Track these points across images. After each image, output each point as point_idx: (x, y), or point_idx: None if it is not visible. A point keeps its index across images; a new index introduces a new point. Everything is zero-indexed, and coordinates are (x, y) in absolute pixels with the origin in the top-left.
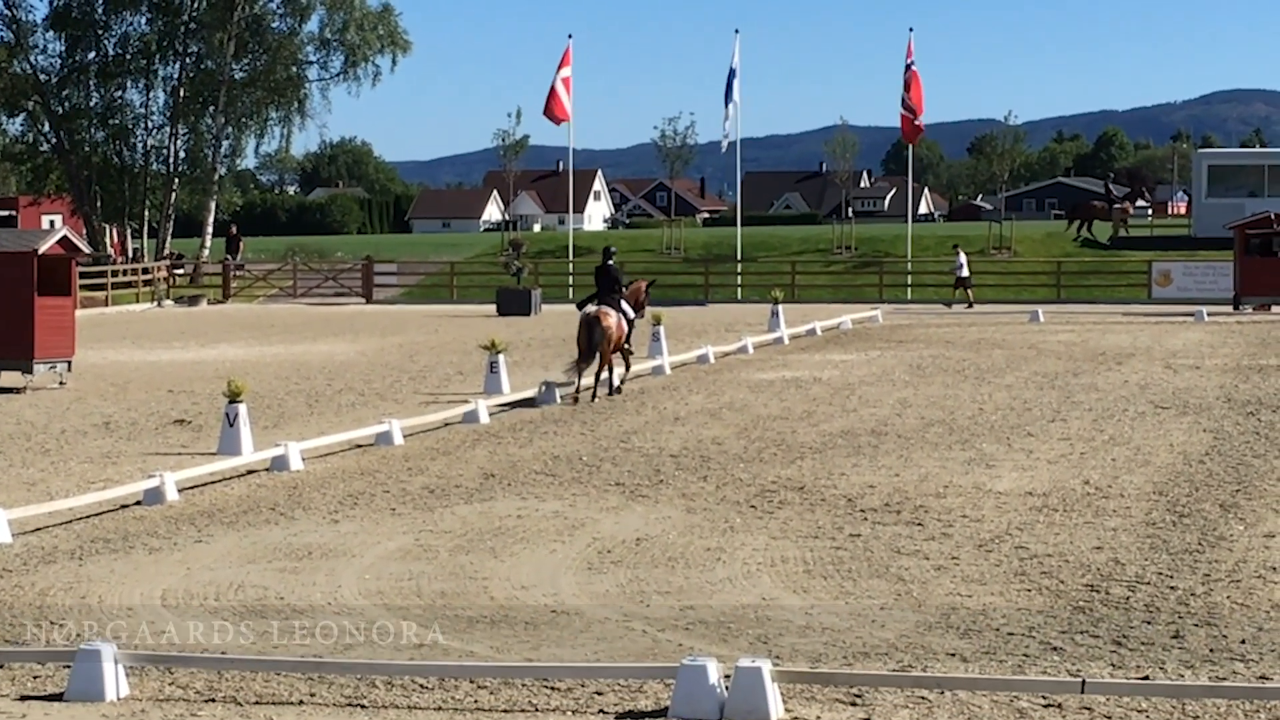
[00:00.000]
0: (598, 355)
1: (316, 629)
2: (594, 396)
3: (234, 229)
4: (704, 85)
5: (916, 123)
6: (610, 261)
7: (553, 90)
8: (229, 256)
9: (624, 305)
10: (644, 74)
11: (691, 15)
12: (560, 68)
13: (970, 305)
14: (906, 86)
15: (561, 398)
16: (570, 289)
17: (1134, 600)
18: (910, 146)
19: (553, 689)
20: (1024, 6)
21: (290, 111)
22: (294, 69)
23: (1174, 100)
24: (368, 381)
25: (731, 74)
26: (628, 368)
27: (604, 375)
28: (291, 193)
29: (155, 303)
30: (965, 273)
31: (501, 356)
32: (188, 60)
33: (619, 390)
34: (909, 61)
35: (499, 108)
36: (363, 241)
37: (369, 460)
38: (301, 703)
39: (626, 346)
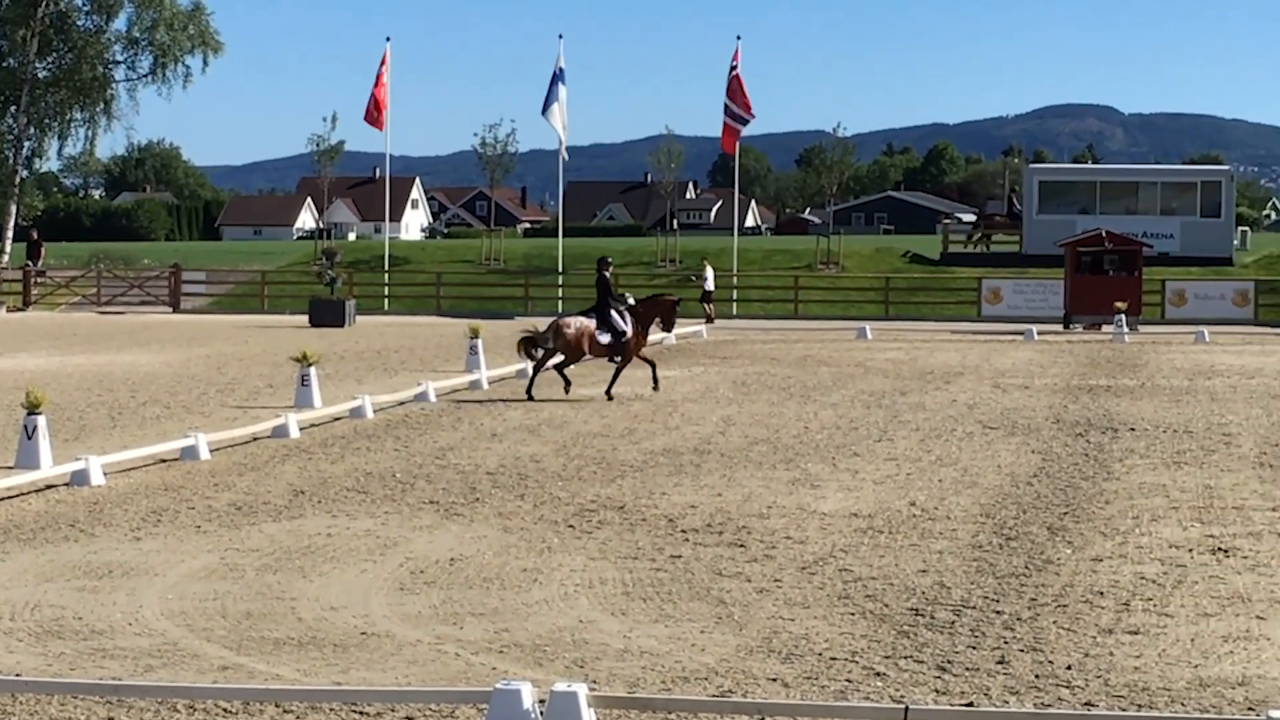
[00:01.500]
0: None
1: (116, 650)
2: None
3: (35, 234)
4: (526, 92)
5: (738, 127)
6: (605, 273)
7: (373, 95)
8: (29, 262)
9: (615, 317)
10: (464, 80)
11: (514, 20)
12: (379, 70)
13: (710, 320)
14: (730, 92)
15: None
16: (386, 299)
17: (959, 625)
18: (737, 158)
19: (361, 713)
20: (855, 17)
21: (96, 112)
22: (101, 68)
23: (1006, 114)
24: (173, 394)
25: (554, 79)
26: (620, 372)
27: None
28: (97, 197)
29: None
30: (710, 286)
31: (313, 369)
32: None
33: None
34: (733, 64)
35: (314, 112)
36: (170, 248)
37: (173, 475)
38: None
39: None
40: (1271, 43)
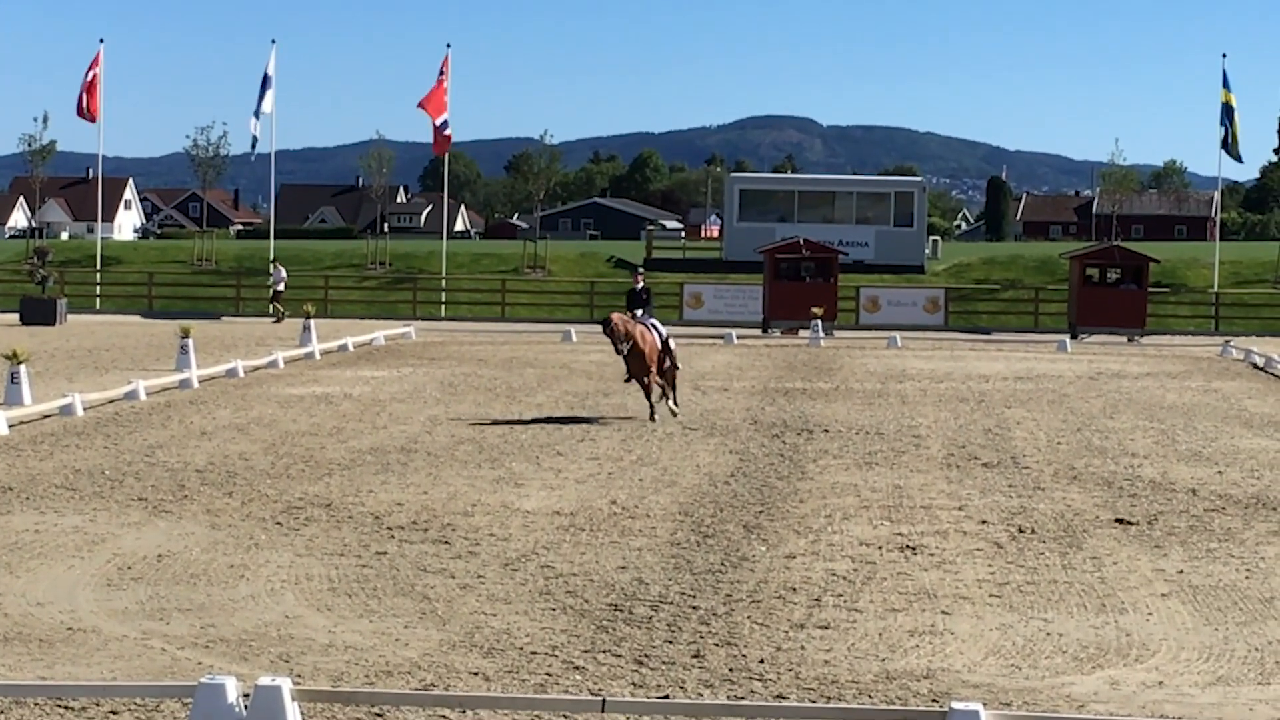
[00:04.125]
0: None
1: None
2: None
3: None
4: (238, 96)
5: (445, 133)
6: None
7: (85, 89)
8: None
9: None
10: (177, 82)
11: (228, 23)
12: (90, 70)
13: (280, 320)
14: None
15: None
16: (98, 299)
17: (657, 620)
18: (446, 162)
19: (67, 708)
20: (562, 28)
21: None
22: None
23: (709, 124)
24: None
25: (265, 83)
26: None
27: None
28: None
29: None
30: (282, 287)
31: (24, 367)
32: None
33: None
34: (442, 71)
35: (25, 111)
36: None
37: None
38: None
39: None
40: (962, 59)
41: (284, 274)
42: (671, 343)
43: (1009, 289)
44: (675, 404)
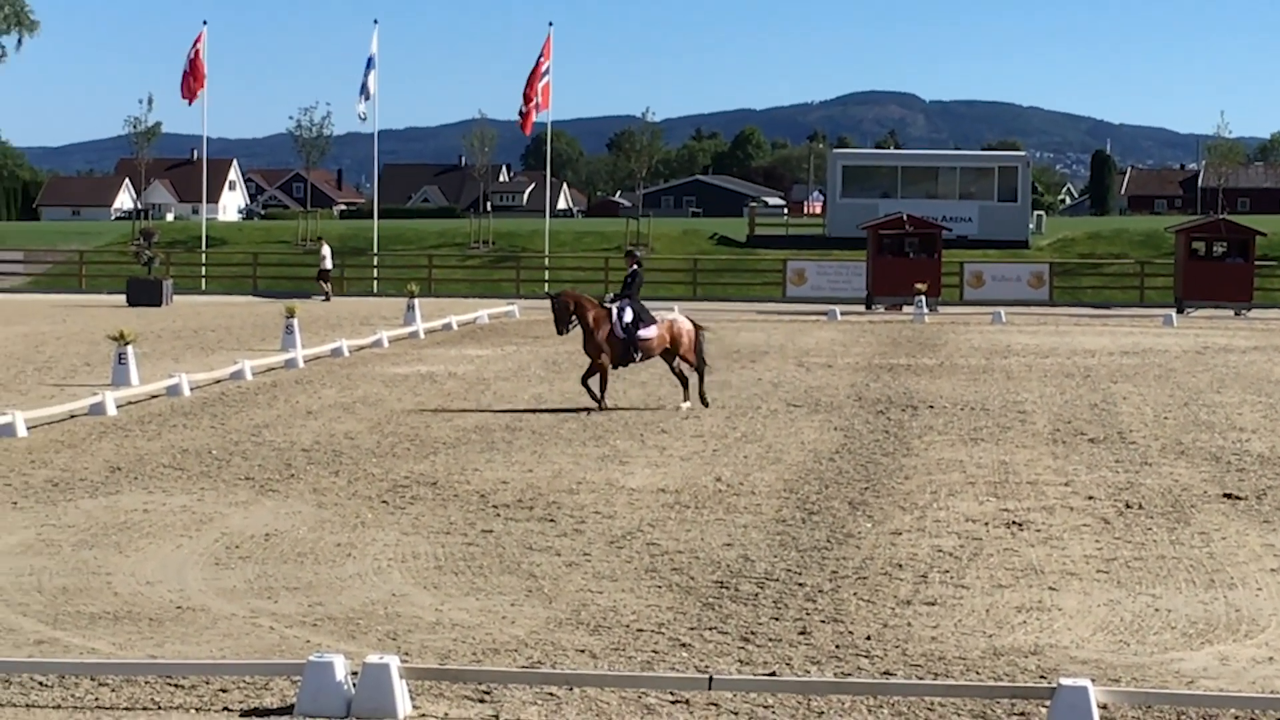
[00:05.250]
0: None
1: None
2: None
3: None
4: (342, 76)
5: (528, 112)
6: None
7: (188, 70)
8: None
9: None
10: (281, 63)
11: (330, 4)
12: (193, 51)
13: (328, 298)
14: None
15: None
16: (203, 279)
17: (763, 596)
18: (549, 140)
19: (176, 686)
20: (665, 5)
21: None
22: None
23: (811, 101)
24: None
25: (369, 64)
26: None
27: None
28: None
29: None
30: (329, 265)
31: (130, 348)
32: None
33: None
34: (541, 56)
35: (131, 93)
36: None
37: None
38: None
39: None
40: (1066, 32)
41: (329, 252)
42: (679, 326)
43: (1114, 263)
44: (689, 396)
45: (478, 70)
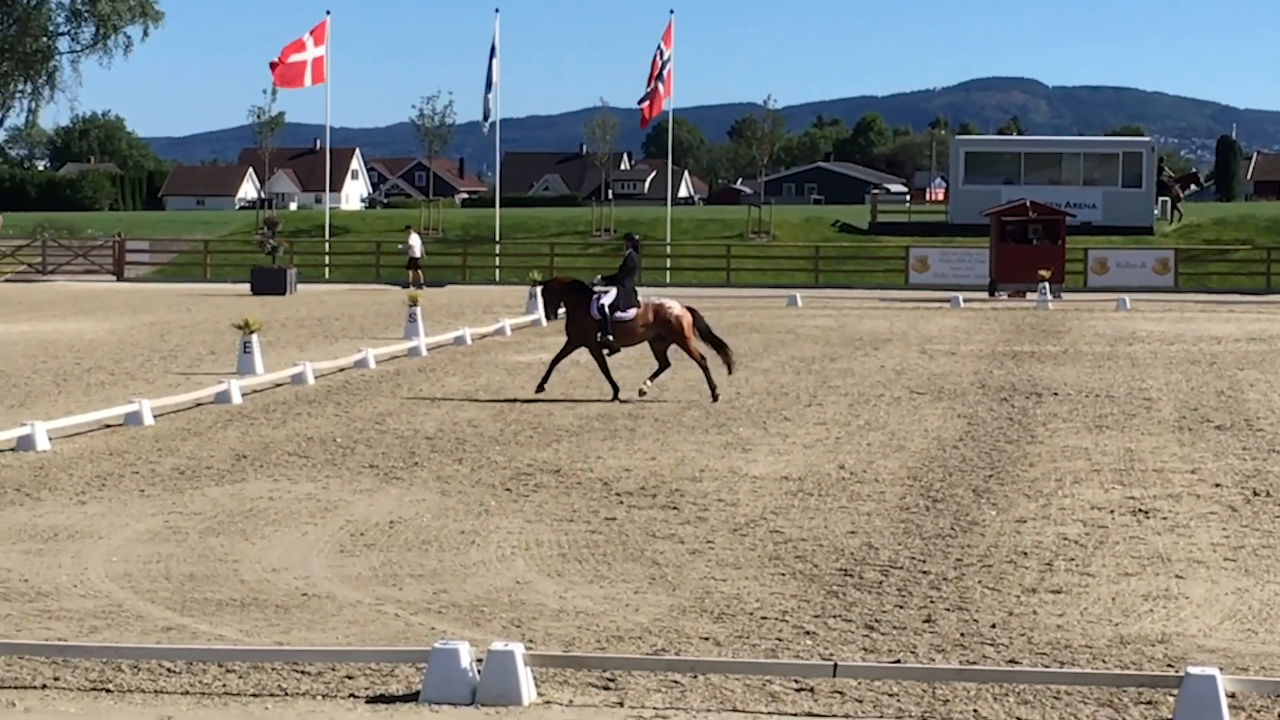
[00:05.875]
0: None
1: (61, 612)
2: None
3: None
4: (463, 65)
5: (654, 97)
6: (632, 250)
7: (297, 63)
8: None
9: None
10: (403, 53)
11: None
12: (314, 43)
13: (421, 286)
14: (656, 73)
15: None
16: (326, 268)
17: (887, 584)
18: (670, 128)
19: (303, 673)
20: None
21: (39, 84)
22: (44, 40)
23: (933, 87)
24: (117, 361)
25: (491, 53)
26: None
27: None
28: (41, 168)
29: None
30: (417, 253)
31: (255, 336)
32: None
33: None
34: (662, 46)
35: (255, 84)
36: (114, 218)
37: (118, 440)
38: (45, 687)
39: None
40: (1191, 17)
41: (417, 241)
42: (668, 311)
43: (1240, 249)
44: (713, 383)
45: (599, 58)
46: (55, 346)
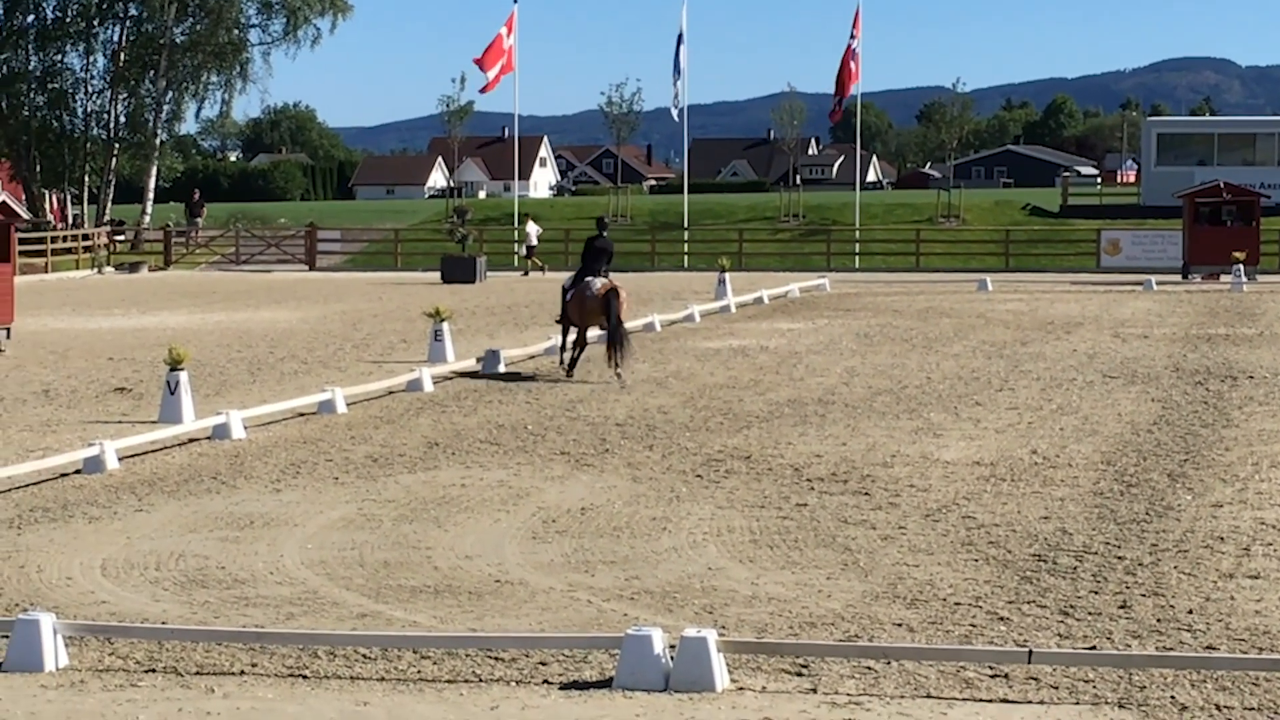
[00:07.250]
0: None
1: (258, 599)
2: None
3: (197, 194)
4: (651, 51)
5: (846, 79)
6: (604, 233)
7: (494, 56)
8: (196, 220)
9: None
10: (591, 40)
11: None
12: (505, 34)
13: (543, 270)
14: (845, 64)
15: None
16: (516, 257)
17: (1081, 570)
18: (858, 113)
19: (497, 659)
20: None
21: (232, 76)
22: (235, 32)
23: (1123, 68)
24: (310, 349)
25: (679, 40)
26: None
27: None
28: (234, 159)
29: (95, 269)
30: (534, 242)
31: (446, 324)
32: (128, 23)
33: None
34: (852, 35)
35: (443, 73)
36: (306, 208)
37: (311, 429)
38: (243, 673)
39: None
40: None
41: (534, 229)
42: (588, 288)
43: None
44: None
45: (786, 43)
46: (249, 336)
